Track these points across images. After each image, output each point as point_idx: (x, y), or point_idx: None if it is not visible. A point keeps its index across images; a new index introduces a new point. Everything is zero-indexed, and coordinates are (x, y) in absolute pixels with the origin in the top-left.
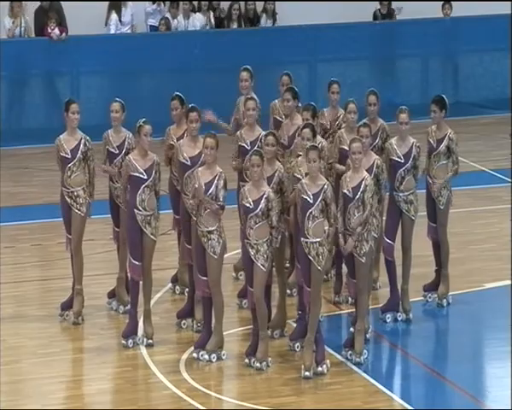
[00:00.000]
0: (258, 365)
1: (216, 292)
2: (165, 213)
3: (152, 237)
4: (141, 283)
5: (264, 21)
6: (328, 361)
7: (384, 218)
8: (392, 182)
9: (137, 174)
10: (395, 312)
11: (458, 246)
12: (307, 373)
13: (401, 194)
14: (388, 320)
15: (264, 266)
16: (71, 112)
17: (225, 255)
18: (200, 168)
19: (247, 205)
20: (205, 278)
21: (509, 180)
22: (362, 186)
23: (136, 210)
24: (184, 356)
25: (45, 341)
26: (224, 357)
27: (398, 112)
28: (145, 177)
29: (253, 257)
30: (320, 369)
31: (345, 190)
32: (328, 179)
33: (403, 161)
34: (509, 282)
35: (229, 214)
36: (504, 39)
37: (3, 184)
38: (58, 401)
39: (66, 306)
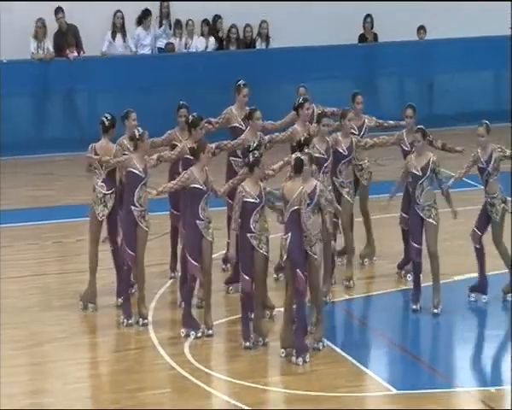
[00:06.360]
0: (315, 345)
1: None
2: (166, 213)
3: (146, 229)
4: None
5: (259, 44)
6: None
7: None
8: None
9: (137, 172)
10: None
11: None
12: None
13: (420, 205)
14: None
15: (267, 252)
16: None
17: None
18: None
19: (253, 200)
20: (196, 264)
21: (475, 185)
22: (317, 191)
23: (132, 206)
24: (188, 341)
25: (65, 327)
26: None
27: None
28: (143, 175)
29: (256, 246)
30: (298, 360)
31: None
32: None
33: (420, 174)
34: (473, 274)
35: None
36: (473, 59)
37: (29, 188)
38: (76, 380)
39: (87, 298)
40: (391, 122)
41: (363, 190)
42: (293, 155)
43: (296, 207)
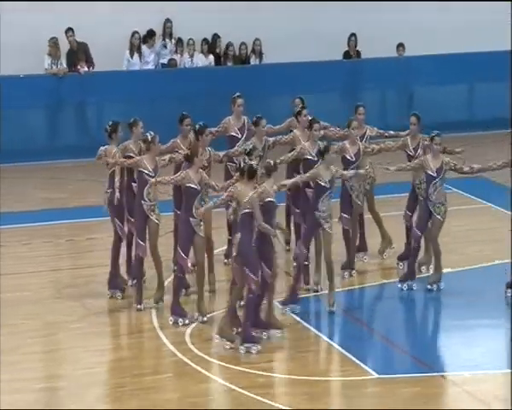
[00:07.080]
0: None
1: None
2: (170, 214)
3: (156, 221)
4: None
5: (253, 60)
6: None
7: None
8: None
9: (147, 172)
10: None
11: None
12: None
13: (432, 202)
14: (405, 289)
15: None
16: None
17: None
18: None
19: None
20: (185, 257)
21: (451, 188)
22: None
23: (143, 201)
24: (189, 330)
25: (76, 317)
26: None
27: (434, 135)
28: (152, 174)
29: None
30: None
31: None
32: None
33: (435, 175)
34: (450, 269)
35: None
36: (448, 74)
37: (44, 191)
38: (86, 366)
39: (113, 286)
40: (391, 132)
41: (368, 193)
42: (248, 162)
43: (247, 211)
